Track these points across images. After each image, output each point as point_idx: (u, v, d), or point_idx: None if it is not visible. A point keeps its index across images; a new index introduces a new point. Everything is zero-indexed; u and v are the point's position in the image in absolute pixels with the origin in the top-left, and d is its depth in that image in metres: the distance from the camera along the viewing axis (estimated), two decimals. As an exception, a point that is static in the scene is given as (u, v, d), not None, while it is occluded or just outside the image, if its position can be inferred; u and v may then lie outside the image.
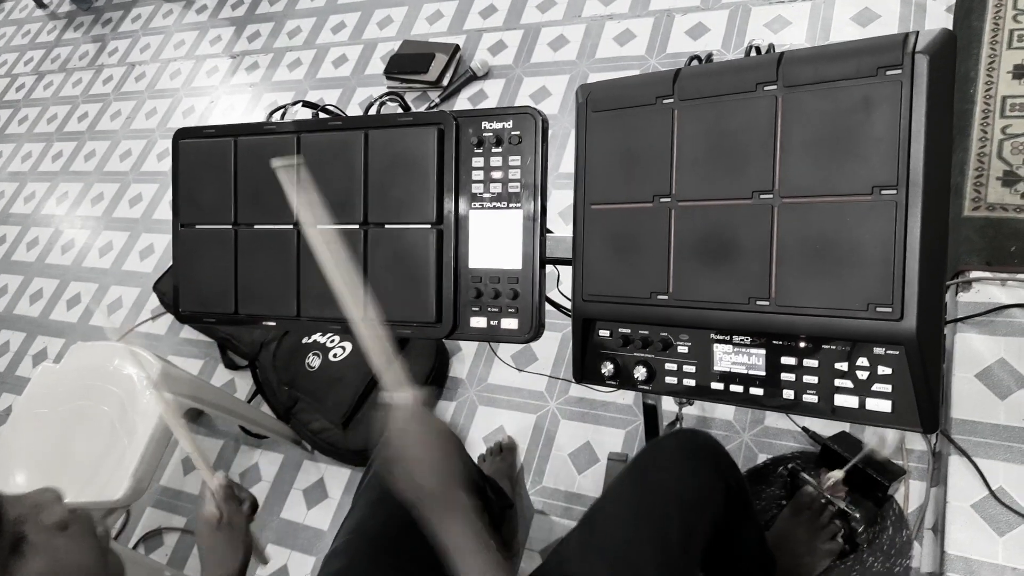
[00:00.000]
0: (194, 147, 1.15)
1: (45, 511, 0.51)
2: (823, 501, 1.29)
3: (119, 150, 3.04)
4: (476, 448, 1.72)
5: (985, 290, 1.39)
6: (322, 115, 1.10)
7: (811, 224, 0.77)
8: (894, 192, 0.72)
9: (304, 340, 1.93)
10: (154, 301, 2.43)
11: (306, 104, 1.15)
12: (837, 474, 1.27)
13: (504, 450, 1.66)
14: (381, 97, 1.09)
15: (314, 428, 1.82)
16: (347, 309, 0.79)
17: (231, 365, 2.17)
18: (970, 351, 1.35)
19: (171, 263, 1.17)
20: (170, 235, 1.17)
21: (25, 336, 2.62)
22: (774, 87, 0.79)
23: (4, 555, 0.46)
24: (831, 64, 0.76)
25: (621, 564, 0.88)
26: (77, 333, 2.53)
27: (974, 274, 1.41)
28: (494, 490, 1.43)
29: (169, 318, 2.38)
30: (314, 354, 1.88)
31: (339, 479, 1.84)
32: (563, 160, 2.12)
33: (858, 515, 1.26)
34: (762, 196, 0.80)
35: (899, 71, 0.72)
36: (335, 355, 1.86)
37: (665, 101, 0.87)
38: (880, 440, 1.25)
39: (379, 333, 0.78)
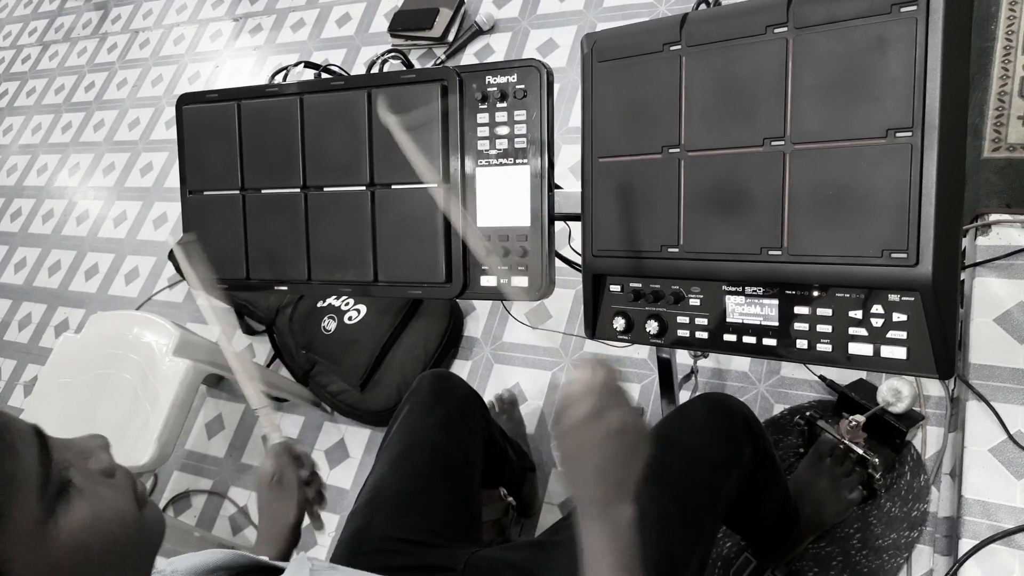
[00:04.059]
0: (198, 112, 1.14)
1: (93, 457, 0.51)
2: (842, 448, 1.29)
3: (127, 119, 3.03)
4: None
5: (1005, 233, 1.37)
6: (324, 75, 1.08)
7: (824, 170, 0.75)
8: (909, 134, 0.70)
9: (319, 304, 1.94)
10: (170, 269, 2.45)
11: (308, 65, 1.14)
12: (857, 418, 1.27)
13: (509, 405, 1.67)
14: (383, 55, 1.07)
15: (332, 390, 1.84)
16: None
17: (249, 330, 2.19)
18: (989, 295, 1.33)
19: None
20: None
21: (46, 308, 2.66)
22: (784, 29, 0.77)
23: (52, 499, 0.46)
24: (843, 2, 0.73)
25: (644, 521, 0.89)
26: (96, 303, 2.56)
27: (993, 217, 1.38)
28: (517, 453, 1.44)
29: (186, 286, 2.40)
30: (329, 317, 1.89)
31: (359, 439, 1.87)
32: (572, 114, 2.09)
33: (876, 461, 1.26)
34: (773, 143, 0.78)
35: (914, 7, 0.69)
36: (350, 318, 1.87)
37: (672, 48, 0.84)
38: (895, 394, 1.25)
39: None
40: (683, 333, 0.90)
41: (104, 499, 0.49)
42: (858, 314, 0.77)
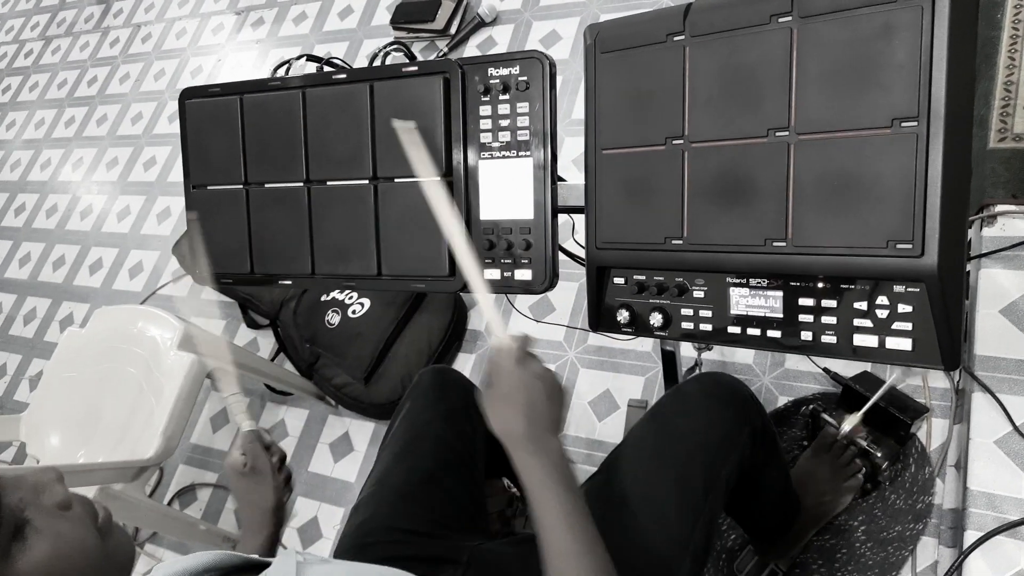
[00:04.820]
0: (200, 107, 1.14)
1: (46, 492, 0.50)
2: (845, 441, 1.29)
3: (130, 113, 3.03)
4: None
5: (1010, 224, 1.36)
6: (327, 68, 1.08)
7: (829, 161, 0.75)
8: (915, 124, 0.70)
9: (323, 297, 1.94)
10: (174, 264, 2.45)
11: (310, 58, 1.14)
12: (859, 413, 1.26)
13: None
14: (385, 47, 1.07)
15: (337, 383, 1.84)
16: (464, 260, 0.86)
17: (253, 324, 2.19)
18: (994, 286, 1.33)
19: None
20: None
21: (51, 302, 2.67)
22: (789, 18, 0.76)
23: (6, 542, 0.45)
24: (848, -8, 0.73)
25: (641, 505, 0.89)
26: (101, 297, 2.57)
27: (999, 208, 1.37)
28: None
29: (190, 280, 2.41)
30: (333, 311, 1.90)
31: (363, 432, 1.87)
32: (575, 106, 2.08)
33: (880, 453, 1.26)
34: (778, 134, 0.78)
35: (920, -4, 0.69)
36: (354, 311, 1.87)
37: (676, 38, 0.84)
38: (901, 378, 1.24)
39: (482, 279, 0.85)
40: (687, 325, 0.90)
41: (62, 534, 0.48)
42: (863, 305, 0.77)
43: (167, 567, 0.58)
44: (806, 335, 0.81)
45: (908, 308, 0.74)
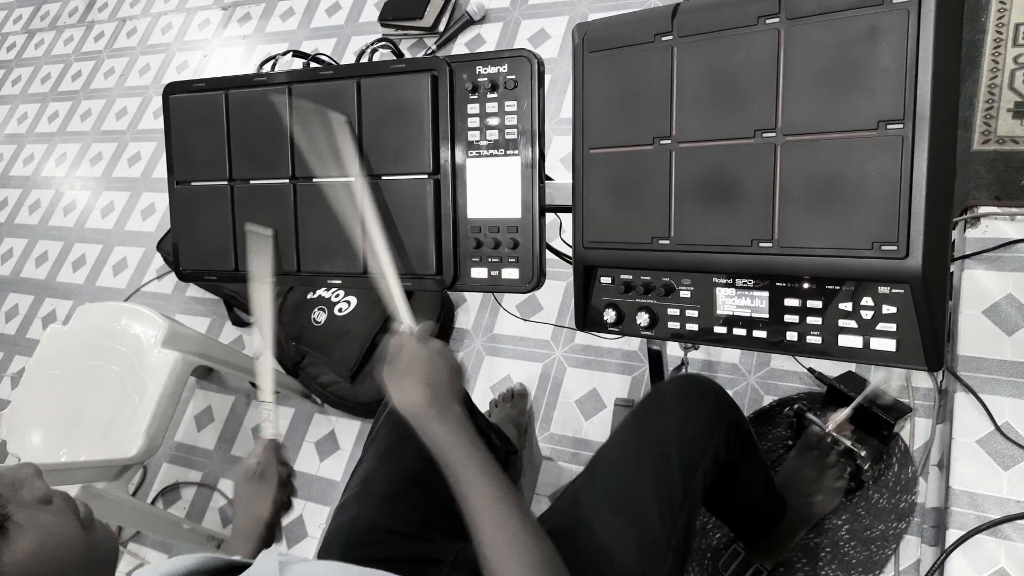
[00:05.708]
0: (185, 102, 1.13)
1: (25, 487, 0.50)
2: (830, 440, 1.30)
3: (115, 108, 3.00)
4: (485, 398, 1.73)
5: (994, 225, 1.37)
6: (313, 65, 1.07)
7: (815, 162, 0.75)
8: (900, 126, 0.70)
9: (309, 295, 1.93)
10: (159, 260, 2.43)
11: (297, 54, 1.13)
12: (843, 412, 1.27)
13: (515, 396, 1.67)
14: (372, 44, 1.06)
15: (323, 382, 1.83)
16: (377, 249, 0.92)
17: (238, 322, 2.18)
18: (977, 287, 1.34)
19: (170, 222, 1.17)
20: (168, 193, 1.16)
21: (33, 299, 2.64)
22: (776, 20, 0.76)
23: None
24: (835, -6, 0.73)
25: (623, 503, 0.89)
26: (84, 294, 2.54)
27: (983, 209, 1.39)
28: (499, 437, 1.44)
29: (175, 277, 2.39)
30: (319, 309, 1.89)
31: (350, 431, 1.87)
32: (564, 105, 2.08)
33: (864, 453, 1.27)
34: (764, 135, 0.78)
35: (906, -2, 0.69)
36: (340, 309, 1.87)
37: (664, 38, 0.84)
38: (885, 378, 1.25)
39: (394, 271, 0.90)
40: (674, 325, 0.90)
41: (46, 528, 0.48)
42: (848, 306, 0.77)
43: (149, 570, 0.57)
44: (791, 335, 0.81)
45: (892, 309, 0.75)
